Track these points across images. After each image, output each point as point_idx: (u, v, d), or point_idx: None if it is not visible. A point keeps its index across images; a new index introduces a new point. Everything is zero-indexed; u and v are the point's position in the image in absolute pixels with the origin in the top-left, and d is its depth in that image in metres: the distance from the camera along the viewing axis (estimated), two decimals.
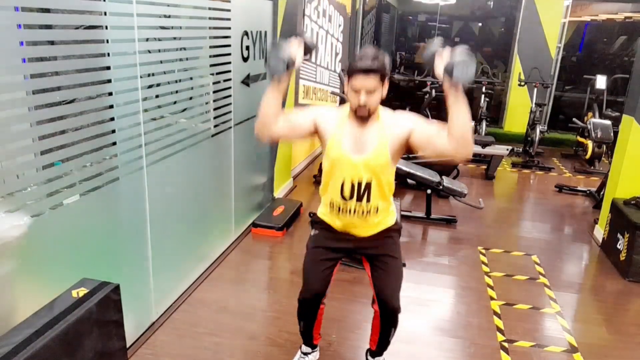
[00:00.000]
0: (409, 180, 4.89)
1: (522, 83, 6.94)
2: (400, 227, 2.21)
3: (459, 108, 1.72)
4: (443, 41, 1.81)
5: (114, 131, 2.19)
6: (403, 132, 1.89)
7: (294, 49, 1.86)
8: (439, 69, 1.71)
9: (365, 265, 2.17)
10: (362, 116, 1.87)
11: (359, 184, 1.94)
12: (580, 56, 8.84)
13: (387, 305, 2.09)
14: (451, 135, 1.75)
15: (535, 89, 6.79)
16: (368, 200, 1.97)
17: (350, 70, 1.82)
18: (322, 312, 2.26)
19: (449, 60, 1.67)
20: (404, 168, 4.47)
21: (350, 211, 2.00)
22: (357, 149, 1.92)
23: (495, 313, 3.00)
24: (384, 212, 2.05)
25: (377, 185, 1.95)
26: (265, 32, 3.83)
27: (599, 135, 5.69)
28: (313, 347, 2.42)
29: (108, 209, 2.23)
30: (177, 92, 2.70)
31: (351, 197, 1.97)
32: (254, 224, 3.94)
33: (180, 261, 2.97)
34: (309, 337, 2.36)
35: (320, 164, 5.43)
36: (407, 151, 1.98)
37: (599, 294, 3.39)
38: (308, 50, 1.94)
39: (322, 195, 2.11)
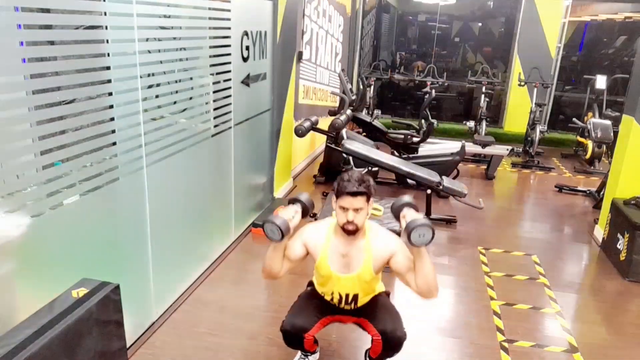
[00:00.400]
0: (409, 180, 4.89)
1: (522, 83, 6.94)
2: (389, 293, 2.36)
3: (421, 264, 1.96)
4: (411, 198, 2.08)
5: (114, 131, 2.19)
6: (385, 255, 2.07)
7: (289, 215, 2.03)
8: (402, 225, 1.97)
9: (359, 321, 2.26)
10: (350, 233, 2.02)
11: (347, 295, 2.15)
12: (580, 56, 8.84)
13: (392, 340, 2.11)
14: (416, 284, 2.00)
15: (535, 89, 6.79)
16: (356, 305, 2.19)
17: (339, 192, 1.99)
18: (312, 340, 2.23)
19: (407, 224, 1.90)
20: (404, 168, 4.47)
21: (341, 309, 2.22)
22: (344, 267, 2.09)
23: (495, 313, 3.00)
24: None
25: (364, 295, 2.17)
26: (265, 32, 3.84)
27: (599, 135, 5.69)
28: (312, 352, 2.42)
29: (108, 209, 2.23)
30: (177, 92, 2.70)
31: (340, 303, 2.19)
32: (254, 224, 3.94)
33: (180, 261, 2.97)
34: (304, 351, 2.37)
35: (320, 164, 5.45)
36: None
37: (599, 294, 3.39)
38: (306, 213, 2.15)
39: (315, 279, 2.29)
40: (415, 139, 5.50)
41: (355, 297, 2.16)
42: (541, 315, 3.02)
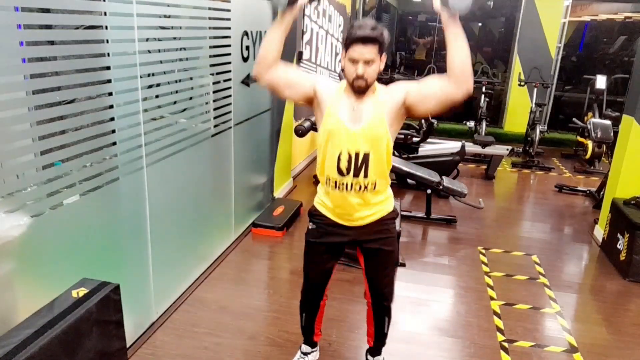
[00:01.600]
0: (409, 180, 4.90)
1: (522, 83, 6.94)
2: (398, 214, 2.20)
3: (457, 42, 1.73)
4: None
5: (114, 131, 2.19)
6: (399, 98, 1.88)
7: None
8: (436, 2, 1.72)
9: (359, 257, 2.18)
10: (359, 88, 1.84)
11: (357, 156, 1.89)
12: (580, 56, 8.84)
13: (379, 298, 2.16)
14: (451, 71, 1.75)
15: (535, 89, 6.79)
16: (365, 175, 1.92)
17: (348, 40, 1.80)
18: (324, 305, 2.30)
19: None
20: (404, 168, 4.47)
21: (347, 187, 1.94)
22: (354, 119, 1.89)
23: (495, 313, 3.00)
24: (380, 193, 2.01)
25: (375, 157, 1.91)
26: (265, 32, 3.83)
27: (599, 135, 5.69)
28: (313, 345, 2.42)
29: (108, 209, 2.23)
30: (177, 92, 2.70)
31: (348, 171, 1.92)
32: (254, 224, 3.94)
33: (180, 261, 2.97)
34: (310, 332, 2.36)
35: None
36: (407, 114, 1.93)
37: (599, 294, 3.39)
38: None
39: (319, 174, 2.06)
40: (415, 139, 5.50)
41: (366, 158, 1.90)
42: (541, 315, 3.02)
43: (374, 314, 2.23)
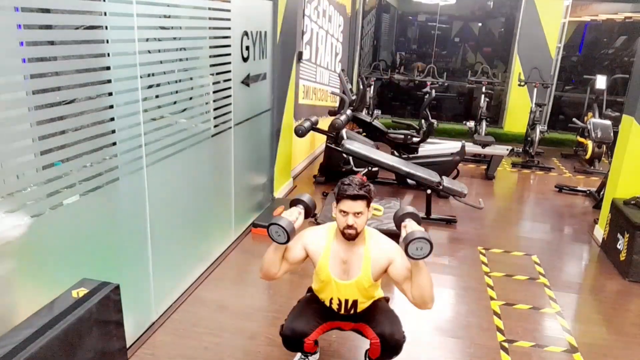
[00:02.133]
0: (409, 180, 4.89)
1: (522, 83, 6.94)
2: (388, 299, 2.35)
3: (418, 276, 1.97)
4: (414, 208, 2.10)
5: (114, 131, 2.19)
6: (384, 263, 2.07)
7: (293, 217, 2.06)
8: (402, 235, 1.98)
9: (358, 326, 2.25)
10: (350, 236, 2.03)
11: (346, 302, 2.16)
12: (580, 56, 8.83)
13: (391, 343, 2.11)
14: (411, 295, 2.01)
15: (535, 89, 6.79)
16: (355, 311, 2.19)
17: (339, 196, 2.01)
18: (311, 344, 2.23)
19: (406, 235, 1.90)
20: (404, 168, 4.47)
21: (340, 316, 2.22)
22: (343, 273, 2.10)
23: (495, 313, 3.00)
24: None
25: (363, 300, 2.17)
26: (265, 32, 3.84)
27: (599, 135, 5.68)
28: (312, 353, 2.43)
29: (108, 209, 2.23)
30: (177, 92, 2.70)
31: (339, 310, 2.19)
32: (254, 224, 3.94)
33: (180, 261, 2.97)
34: (304, 354, 2.37)
35: (320, 164, 5.45)
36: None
37: (599, 294, 3.39)
38: (308, 214, 2.18)
39: (314, 286, 2.28)
40: (415, 139, 5.50)
41: (355, 302, 2.16)
42: (541, 315, 3.02)
43: (381, 350, 2.13)
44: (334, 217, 2.07)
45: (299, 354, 2.41)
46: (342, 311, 2.18)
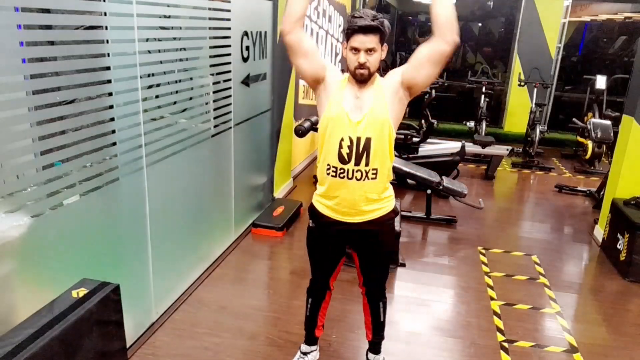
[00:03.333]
0: (409, 180, 4.90)
1: (522, 83, 6.94)
2: (398, 212, 2.26)
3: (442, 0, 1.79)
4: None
5: (114, 131, 2.19)
6: (396, 80, 1.92)
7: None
8: None
9: (353, 253, 2.21)
10: (362, 77, 1.87)
11: (358, 141, 1.90)
12: (580, 56, 8.83)
13: (374, 286, 2.23)
14: (436, 25, 1.80)
15: (535, 89, 6.79)
16: (367, 163, 1.92)
17: (349, 30, 1.83)
18: (330, 296, 2.35)
19: None
20: (404, 168, 4.47)
21: (348, 175, 1.93)
22: (357, 108, 1.92)
23: (495, 313, 3.00)
24: (381, 187, 2.00)
25: (376, 143, 1.91)
26: (265, 32, 3.84)
27: (599, 135, 5.68)
28: (313, 343, 2.42)
29: (108, 209, 2.23)
30: (177, 92, 2.70)
31: (349, 158, 1.92)
32: (254, 224, 3.94)
33: (180, 261, 2.97)
34: (313, 323, 2.37)
35: None
36: (410, 93, 1.96)
37: (599, 294, 3.39)
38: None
39: (319, 163, 2.04)
40: (415, 139, 5.50)
41: (368, 144, 1.90)
42: (541, 315, 3.02)
43: (368, 301, 2.28)
44: (345, 56, 1.91)
45: (298, 353, 2.42)
46: (353, 157, 1.91)
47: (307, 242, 2.22)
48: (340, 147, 1.92)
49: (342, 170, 1.94)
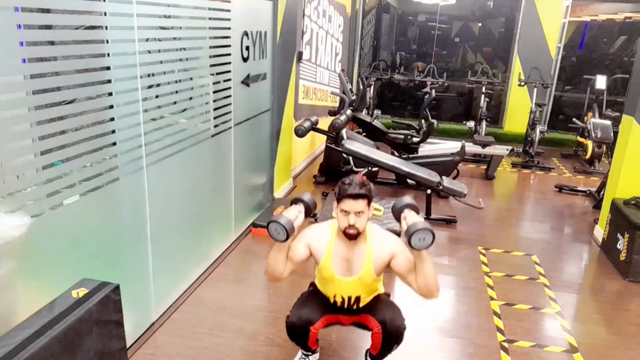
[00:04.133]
0: (409, 180, 4.89)
1: (522, 83, 6.94)
2: (388, 294, 2.36)
3: (421, 266, 1.98)
4: (412, 199, 2.09)
5: (113, 131, 2.19)
6: (386, 257, 2.09)
7: (292, 215, 2.04)
8: (403, 227, 1.99)
9: (360, 318, 2.25)
10: (351, 236, 2.03)
11: (349, 298, 2.17)
12: (580, 56, 8.83)
13: (392, 328, 2.14)
14: (417, 285, 2.03)
15: (535, 89, 6.79)
16: (358, 307, 2.20)
17: (340, 195, 2.01)
18: (316, 335, 2.24)
19: (408, 227, 1.90)
20: (404, 168, 4.47)
21: (342, 311, 2.24)
22: (346, 270, 2.11)
23: (495, 313, 3.00)
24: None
25: (365, 296, 2.19)
26: (265, 32, 3.84)
27: (599, 135, 5.68)
28: (313, 351, 2.42)
29: (108, 209, 2.23)
30: (177, 92, 2.70)
31: (342, 306, 2.20)
32: (254, 224, 3.94)
33: (180, 261, 2.97)
34: (306, 348, 2.37)
35: (320, 164, 5.45)
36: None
37: (599, 294, 3.39)
38: (309, 213, 2.15)
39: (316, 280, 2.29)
40: (415, 139, 5.50)
41: (358, 298, 2.17)
42: (541, 315, 3.02)
43: (383, 339, 2.16)
44: (334, 217, 2.08)
45: (299, 353, 2.42)
46: (345, 306, 2.19)
47: (308, 290, 2.35)
48: (335, 299, 2.19)
49: (337, 309, 2.23)
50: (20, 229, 1.76)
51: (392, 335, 2.13)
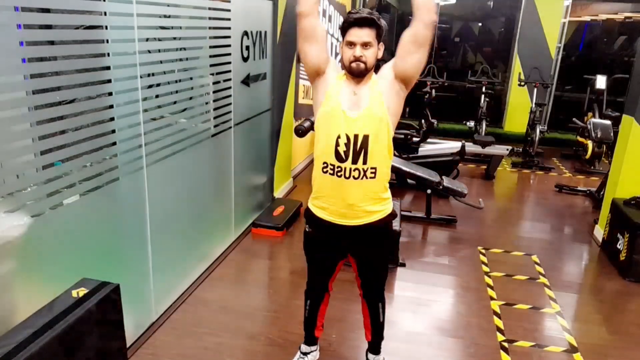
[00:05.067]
0: (409, 180, 4.90)
1: (522, 83, 6.94)
2: (396, 215, 2.19)
3: None
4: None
5: (114, 131, 2.19)
6: (389, 74, 1.90)
7: None
8: None
9: (351, 258, 2.18)
10: (358, 71, 1.84)
11: (355, 138, 1.85)
12: (580, 56, 8.83)
13: (372, 289, 2.21)
14: (415, 5, 1.84)
15: (535, 89, 6.79)
16: (365, 161, 1.87)
17: (345, 24, 1.82)
18: (329, 298, 2.33)
19: None
20: (404, 168, 4.47)
21: (345, 173, 1.89)
22: (353, 105, 1.88)
23: (495, 313, 3.00)
24: (380, 188, 1.96)
25: (374, 140, 1.86)
26: (265, 32, 3.84)
27: (599, 135, 5.68)
28: (313, 343, 2.42)
29: (108, 209, 2.23)
30: (177, 92, 2.70)
31: (346, 156, 1.87)
32: (254, 224, 3.94)
33: (180, 261, 2.97)
34: (312, 324, 2.36)
35: None
36: (405, 85, 1.94)
37: (599, 294, 3.39)
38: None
39: (316, 160, 1.98)
40: (415, 139, 5.50)
41: (365, 141, 1.86)
42: (541, 315, 3.02)
43: (367, 303, 2.26)
44: (341, 52, 1.89)
45: (298, 353, 2.42)
46: (351, 155, 1.87)
47: (304, 246, 2.21)
48: (337, 144, 1.87)
49: (339, 169, 1.89)
50: (20, 229, 1.76)
51: (375, 300, 2.22)
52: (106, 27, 2.12)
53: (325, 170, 1.93)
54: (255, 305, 2.96)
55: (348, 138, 1.86)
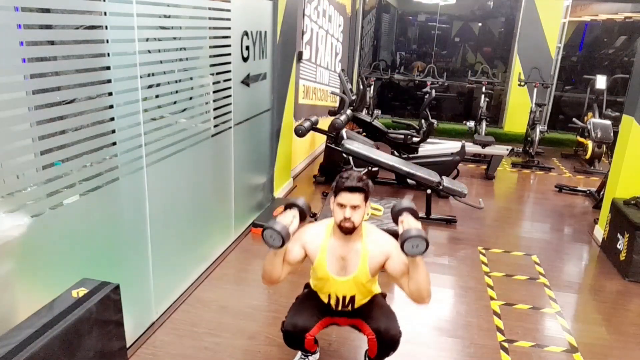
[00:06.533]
0: (409, 180, 4.90)
1: (522, 83, 6.94)
2: (385, 294, 2.35)
3: (414, 271, 1.96)
4: (411, 202, 2.06)
5: (113, 131, 2.19)
6: (381, 258, 2.08)
7: (287, 220, 2.00)
8: (400, 231, 1.95)
9: (355, 322, 2.25)
10: (346, 230, 2.02)
11: (344, 298, 2.16)
12: (580, 56, 8.83)
13: (386, 338, 2.13)
14: (409, 289, 2.01)
15: (535, 89, 6.80)
16: (353, 307, 2.20)
17: (337, 188, 2.01)
18: (312, 340, 2.23)
19: (402, 233, 1.89)
20: (404, 168, 4.47)
21: (338, 312, 2.23)
22: (341, 270, 2.10)
23: (495, 313, 3.00)
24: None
25: (360, 296, 2.17)
26: (265, 32, 3.84)
27: (599, 135, 5.68)
28: (312, 352, 2.42)
29: (108, 209, 2.23)
30: (177, 92, 2.70)
31: (337, 307, 2.20)
32: (254, 224, 3.94)
33: (180, 261, 2.97)
34: (305, 351, 2.36)
35: (320, 164, 5.45)
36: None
37: (598, 294, 3.39)
38: (303, 217, 2.11)
39: (312, 279, 2.29)
40: (415, 139, 5.50)
41: (352, 298, 2.16)
42: (541, 315, 3.02)
43: (378, 348, 2.15)
44: (332, 210, 2.06)
45: (299, 354, 2.42)
46: (340, 307, 2.19)
47: (302, 294, 2.35)
48: (329, 299, 2.19)
49: (333, 309, 2.22)
50: (20, 229, 1.76)
51: (387, 344, 2.14)
52: (106, 27, 2.12)
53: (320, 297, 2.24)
54: (255, 305, 2.96)
55: (337, 297, 2.17)
